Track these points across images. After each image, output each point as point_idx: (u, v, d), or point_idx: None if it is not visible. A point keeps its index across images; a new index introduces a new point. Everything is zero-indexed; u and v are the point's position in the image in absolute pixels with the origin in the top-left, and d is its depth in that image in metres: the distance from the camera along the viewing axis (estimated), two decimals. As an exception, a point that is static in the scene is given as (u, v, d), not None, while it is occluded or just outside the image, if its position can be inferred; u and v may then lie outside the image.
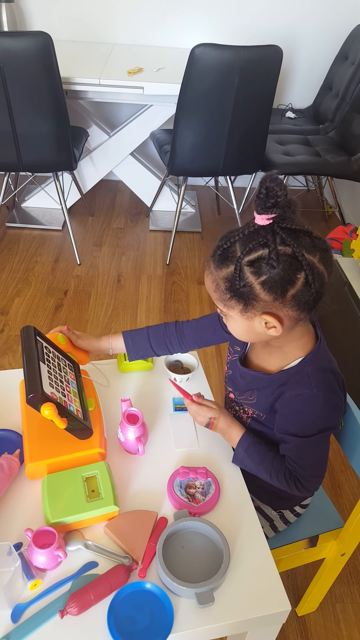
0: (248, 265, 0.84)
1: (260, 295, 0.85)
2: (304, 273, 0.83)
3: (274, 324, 0.88)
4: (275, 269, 0.82)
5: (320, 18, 3.12)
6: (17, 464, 1.02)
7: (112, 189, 3.55)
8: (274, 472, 1.02)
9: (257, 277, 0.84)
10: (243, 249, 0.84)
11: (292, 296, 0.84)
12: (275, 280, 0.83)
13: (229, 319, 0.95)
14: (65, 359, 1.13)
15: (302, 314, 0.88)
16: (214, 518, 0.98)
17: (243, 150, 2.58)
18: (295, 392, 0.96)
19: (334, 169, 2.68)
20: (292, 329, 0.93)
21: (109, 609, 0.84)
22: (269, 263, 0.82)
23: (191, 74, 2.27)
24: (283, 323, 0.88)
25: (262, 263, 0.83)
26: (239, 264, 0.84)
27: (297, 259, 0.82)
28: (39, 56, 2.17)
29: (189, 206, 3.36)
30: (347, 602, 1.52)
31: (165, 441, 1.13)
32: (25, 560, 0.89)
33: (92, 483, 0.97)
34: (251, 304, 0.87)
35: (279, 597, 0.89)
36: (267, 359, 1.03)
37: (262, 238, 0.82)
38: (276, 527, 1.20)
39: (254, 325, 0.91)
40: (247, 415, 1.11)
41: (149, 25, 3.13)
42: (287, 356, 0.99)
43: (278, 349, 0.99)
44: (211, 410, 1.07)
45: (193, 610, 0.86)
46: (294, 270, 0.82)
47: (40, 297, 2.57)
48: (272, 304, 0.86)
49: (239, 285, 0.85)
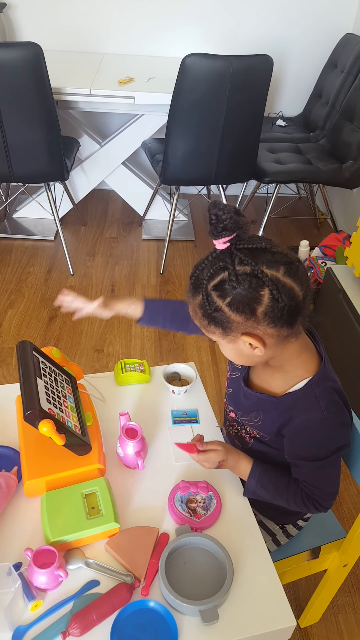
0: (213, 290, 0.85)
1: (232, 317, 0.85)
2: (268, 289, 0.82)
3: (255, 344, 0.87)
4: (237, 289, 0.83)
5: (309, 26, 3.15)
6: (14, 482, 1.00)
7: (104, 199, 3.55)
8: (290, 498, 1.02)
9: (223, 300, 0.85)
10: (207, 275, 0.85)
11: (263, 313, 0.84)
12: (239, 300, 0.83)
13: (220, 345, 0.95)
14: (61, 374, 1.12)
15: (283, 330, 0.87)
16: (216, 533, 0.97)
17: (235, 159, 2.59)
18: (305, 417, 0.95)
19: (325, 177, 2.69)
20: (283, 347, 0.91)
21: (112, 629, 0.83)
22: (230, 284, 0.83)
23: (182, 84, 2.28)
24: (265, 342, 0.87)
25: (224, 285, 0.84)
26: (205, 289, 0.86)
27: (256, 276, 0.82)
28: (29, 67, 2.17)
29: (181, 215, 3.36)
30: (350, 613, 1.50)
31: (165, 455, 1.12)
32: (25, 581, 0.87)
33: (92, 500, 0.96)
34: (227, 327, 0.87)
35: (284, 612, 0.88)
36: (269, 379, 1.02)
37: (222, 262, 0.84)
38: (278, 541, 1.19)
39: (239, 347, 0.90)
40: (250, 435, 1.10)
41: (139, 34, 3.14)
42: (290, 376, 0.98)
43: (278, 368, 0.98)
44: (217, 453, 1.02)
45: (197, 628, 0.84)
46: (256, 287, 0.82)
47: (34, 308, 2.55)
48: (245, 324, 0.86)
49: (211, 310, 0.86)
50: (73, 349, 2.33)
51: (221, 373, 2.27)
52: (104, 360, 2.29)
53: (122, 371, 1.27)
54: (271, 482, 1.04)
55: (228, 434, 1.20)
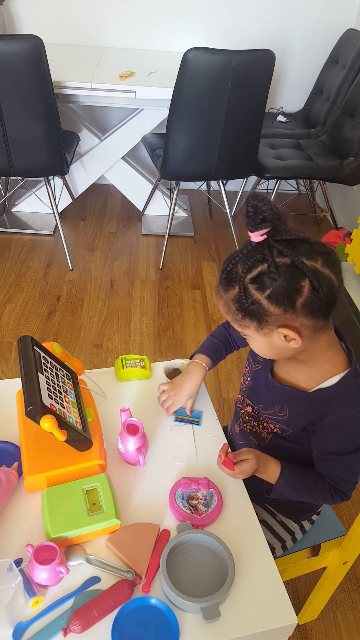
0: (251, 283, 0.84)
1: (270, 309, 0.84)
2: (308, 280, 0.82)
3: (292, 336, 0.86)
4: (277, 281, 0.82)
5: (310, 22, 3.13)
6: (15, 477, 0.99)
7: (104, 193, 3.53)
8: (319, 494, 1.02)
9: (262, 293, 0.84)
10: (244, 268, 0.84)
11: (302, 305, 0.83)
12: (280, 292, 0.83)
13: (250, 339, 0.94)
14: (62, 369, 1.11)
15: (319, 322, 0.87)
16: (217, 530, 0.97)
17: (236, 154, 2.58)
18: (340, 414, 0.95)
19: (326, 173, 2.69)
20: (316, 339, 0.91)
21: (113, 625, 0.82)
22: (270, 276, 0.82)
23: (184, 78, 2.26)
24: (301, 334, 0.87)
25: (263, 278, 0.83)
26: (242, 282, 0.85)
27: (297, 267, 0.81)
28: (30, 60, 2.15)
29: (181, 210, 3.35)
30: (348, 610, 1.51)
31: (165, 452, 1.11)
32: (26, 577, 0.86)
33: (93, 496, 0.95)
34: (264, 320, 0.86)
35: (285, 609, 0.87)
36: (295, 373, 1.01)
37: (260, 254, 0.83)
38: (296, 539, 1.20)
39: (273, 340, 0.90)
40: (268, 430, 1.08)
41: (139, 28, 3.12)
42: (318, 370, 0.97)
43: (306, 362, 0.98)
44: (250, 462, 0.99)
45: (199, 626, 0.84)
46: (296, 278, 0.82)
47: (33, 303, 2.54)
48: (284, 316, 0.85)
49: (247, 304, 0.85)
50: (72, 344, 2.32)
51: (220, 369, 2.27)
52: (102, 355, 2.28)
53: (123, 367, 1.26)
54: (300, 480, 1.03)
55: (241, 431, 1.18)
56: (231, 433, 1.26)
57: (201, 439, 1.14)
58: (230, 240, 3.15)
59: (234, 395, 2.13)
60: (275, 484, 1.03)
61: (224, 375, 2.24)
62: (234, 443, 1.23)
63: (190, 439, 1.14)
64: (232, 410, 1.26)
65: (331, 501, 1.03)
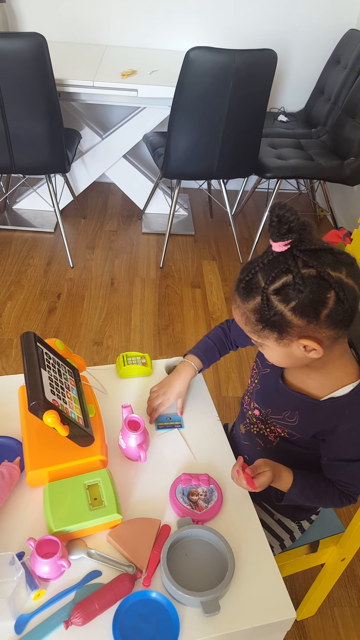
0: (274, 294, 0.82)
1: (293, 321, 0.83)
2: (334, 291, 0.80)
3: (313, 346, 0.85)
4: (304, 293, 0.80)
5: (312, 22, 3.14)
6: (17, 472, 1.00)
7: (104, 192, 3.54)
8: (329, 499, 1.02)
9: (286, 304, 0.82)
10: (266, 279, 0.82)
11: (327, 316, 0.82)
12: (306, 304, 0.81)
13: (265, 348, 0.92)
14: (65, 365, 1.12)
15: (340, 332, 0.85)
16: (217, 525, 0.97)
17: (237, 153, 2.59)
18: (353, 425, 0.94)
19: (327, 173, 2.70)
20: (332, 349, 0.89)
21: (114, 618, 0.83)
22: (296, 288, 0.80)
23: (186, 77, 2.27)
24: (322, 344, 0.85)
25: (288, 289, 0.81)
26: (265, 293, 0.82)
27: (323, 279, 0.79)
28: (33, 57, 2.16)
29: (181, 209, 3.36)
30: (345, 606, 1.52)
31: (166, 447, 1.12)
32: (28, 570, 0.87)
33: (94, 491, 0.96)
34: (286, 331, 0.84)
35: (284, 604, 0.88)
36: (306, 379, 1.00)
37: (283, 265, 0.81)
38: (295, 537, 1.20)
39: (292, 351, 0.88)
40: (276, 434, 1.07)
41: (141, 27, 3.13)
42: (330, 378, 0.96)
43: (317, 369, 0.96)
44: (266, 475, 0.98)
45: (199, 619, 0.85)
46: (322, 290, 0.80)
47: (33, 300, 2.55)
48: (307, 328, 0.83)
49: (269, 315, 0.83)
50: (72, 341, 2.33)
51: (219, 367, 2.28)
52: (103, 353, 2.29)
53: (124, 364, 1.27)
54: (311, 487, 1.02)
55: (247, 432, 1.16)
56: (235, 432, 1.24)
57: (200, 437, 1.14)
58: (230, 239, 3.15)
59: (234, 394, 2.14)
60: (287, 492, 1.02)
61: (223, 374, 2.25)
62: (237, 442, 1.22)
63: (181, 441, 1.14)
64: (232, 409, 1.27)
65: (340, 505, 1.03)
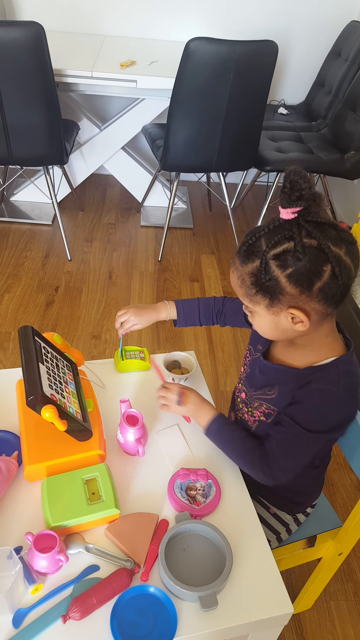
0: (274, 259, 0.84)
1: (287, 288, 0.85)
2: (330, 265, 0.82)
3: (301, 318, 0.87)
4: (301, 262, 0.82)
5: (313, 14, 3.11)
6: (15, 466, 1.00)
7: (103, 184, 3.52)
8: (247, 454, 1.03)
9: (283, 270, 0.83)
10: (268, 243, 0.84)
11: (319, 289, 0.84)
12: (302, 273, 0.82)
13: (255, 315, 0.94)
14: (63, 359, 1.11)
15: (329, 308, 0.87)
16: (215, 520, 0.98)
17: (237, 146, 2.57)
18: (321, 386, 0.94)
19: (327, 167, 2.68)
20: (319, 325, 0.91)
21: (111, 613, 0.83)
22: (295, 255, 0.82)
23: (186, 68, 2.25)
24: (310, 317, 0.87)
25: (287, 256, 0.83)
26: (265, 257, 0.84)
27: (323, 251, 0.81)
28: (30, 47, 2.13)
29: (180, 202, 3.34)
30: (341, 600, 1.53)
31: (164, 442, 1.12)
32: (26, 565, 0.87)
33: (93, 485, 0.96)
34: (277, 298, 0.86)
35: (282, 599, 0.89)
36: (292, 356, 1.01)
37: (288, 231, 0.82)
38: (291, 530, 1.20)
39: (280, 320, 0.90)
40: (255, 418, 1.09)
41: (141, 17, 3.09)
42: (315, 354, 0.97)
43: (303, 347, 0.98)
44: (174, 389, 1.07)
45: (196, 614, 0.85)
46: (320, 262, 0.82)
47: (31, 293, 2.54)
48: (298, 298, 0.85)
49: (265, 280, 0.85)
50: (70, 334, 2.32)
51: (217, 362, 2.28)
52: (101, 347, 2.29)
53: (123, 358, 1.27)
54: (229, 432, 1.05)
55: (235, 418, 1.18)
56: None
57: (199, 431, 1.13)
58: (229, 232, 3.14)
59: (232, 388, 2.14)
60: (210, 423, 1.06)
61: (221, 368, 2.25)
62: None
63: (180, 437, 1.14)
64: (230, 403, 1.27)
65: (251, 468, 1.02)
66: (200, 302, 1.28)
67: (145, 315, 1.26)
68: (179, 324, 1.29)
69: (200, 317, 1.28)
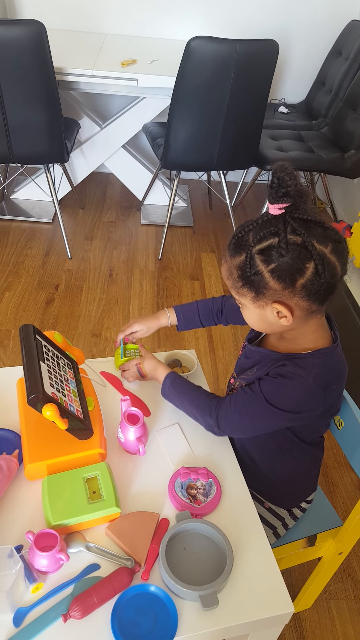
0: (258, 254, 0.86)
1: (270, 283, 0.86)
2: (314, 263, 0.83)
3: (284, 313, 0.88)
4: (284, 258, 0.83)
5: (313, 12, 3.10)
6: (16, 465, 1.00)
7: (103, 182, 3.52)
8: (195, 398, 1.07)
9: (267, 265, 0.85)
10: (255, 237, 0.86)
11: (302, 285, 0.85)
12: (284, 269, 0.84)
13: (244, 308, 0.96)
14: (64, 358, 1.11)
15: (314, 305, 0.88)
16: (216, 519, 0.97)
17: (237, 145, 2.57)
18: (293, 370, 0.95)
19: (327, 166, 2.68)
20: (306, 321, 0.93)
21: (112, 612, 0.83)
22: (278, 251, 0.83)
23: (187, 67, 2.25)
24: (294, 313, 0.88)
25: (272, 251, 0.84)
26: (250, 252, 0.86)
27: (306, 248, 0.83)
28: (31, 45, 2.13)
29: (180, 200, 3.34)
30: (342, 599, 1.53)
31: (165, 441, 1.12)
32: (26, 563, 0.87)
33: (93, 484, 0.96)
34: (262, 292, 0.88)
35: (282, 598, 0.88)
36: (276, 343, 1.04)
37: (274, 227, 0.84)
38: (287, 524, 1.20)
39: (266, 314, 0.92)
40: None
41: (142, 15, 3.09)
42: (299, 346, 0.98)
43: (292, 341, 0.99)
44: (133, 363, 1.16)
45: (197, 613, 0.85)
46: (302, 259, 0.83)
47: (31, 291, 2.54)
48: (281, 293, 0.87)
49: (250, 273, 0.87)
50: (70, 333, 2.32)
51: (218, 360, 2.28)
52: (101, 345, 2.28)
53: (123, 357, 1.27)
54: (184, 383, 1.10)
55: None
56: None
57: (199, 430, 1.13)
58: (229, 231, 3.14)
59: (232, 387, 2.14)
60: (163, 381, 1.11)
61: (221, 367, 2.25)
62: None
63: (181, 435, 1.13)
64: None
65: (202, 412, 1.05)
66: (199, 304, 1.30)
67: (147, 322, 1.28)
68: (181, 327, 1.30)
69: (200, 319, 1.29)
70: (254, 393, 0.98)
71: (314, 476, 1.23)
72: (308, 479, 1.21)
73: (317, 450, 1.16)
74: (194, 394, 1.08)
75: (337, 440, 1.14)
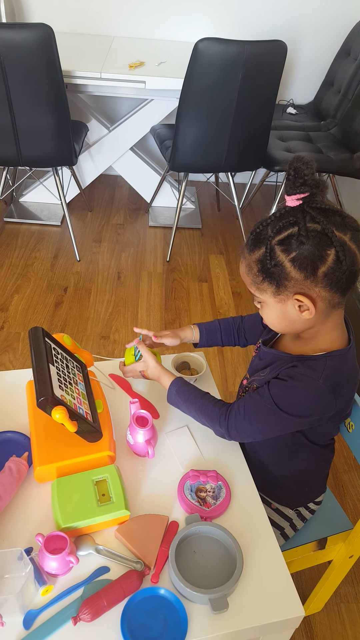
0: (278, 244, 0.85)
1: (291, 273, 0.86)
2: (334, 249, 0.83)
3: (307, 305, 0.87)
4: (305, 245, 0.83)
5: (322, 12, 3.10)
6: (25, 467, 1.00)
7: (111, 184, 3.52)
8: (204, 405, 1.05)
9: (287, 255, 0.85)
10: (273, 229, 0.85)
11: (324, 274, 0.84)
12: (305, 257, 0.84)
13: (264, 307, 0.95)
14: (73, 360, 1.11)
15: (336, 296, 0.87)
16: (226, 522, 0.97)
17: (245, 146, 2.56)
18: (303, 371, 0.94)
19: (336, 167, 2.67)
20: (326, 317, 0.92)
21: (122, 615, 0.83)
22: (298, 239, 0.83)
23: (194, 69, 2.25)
24: (316, 304, 0.88)
25: (291, 240, 0.84)
26: (269, 243, 0.86)
27: (326, 235, 0.83)
28: (40, 49, 2.14)
29: (189, 202, 3.34)
30: (352, 603, 1.52)
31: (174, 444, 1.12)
32: (36, 566, 0.87)
33: (103, 487, 0.96)
34: (283, 284, 0.87)
35: (293, 602, 0.88)
36: (294, 347, 1.02)
37: (292, 217, 0.84)
38: (295, 525, 1.20)
39: (287, 309, 0.91)
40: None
41: (149, 18, 3.10)
42: (314, 348, 0.97)
43: (308, 341, 0.98)
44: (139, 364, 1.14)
45: (207, 617, 0.85)
46: (323, 246, 0.83)
47: (40, 293, 2.55)
48: (303, 283, 0.86)
49: (270, 265, 0.86)
50: (79, 335, 2.33)
51: (227, 362, 2.27)
52: (109, 347, 2.29)
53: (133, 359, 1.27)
54: (191, 390, 1.08)
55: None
56: None
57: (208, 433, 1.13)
58: (237, 233, 3.14)
59: (241, 388, 2.14)
60: (169, 388, 1.10)
61: (230, 369, 2.24)
62: None
63: (190, 438, 1.13)
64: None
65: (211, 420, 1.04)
66: (220, 322, 1.29)
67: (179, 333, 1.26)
68: (202, 343, 1.28)
69: (222, 336, 1.28)
70: (263, 398, 0.97)
71: (324, 477, 1.22)
72: (317, 480, 1.21)
73: (327, 451, 1.15)
74: (202, 402, 1.06)
75: (348, 443, 1.13)
